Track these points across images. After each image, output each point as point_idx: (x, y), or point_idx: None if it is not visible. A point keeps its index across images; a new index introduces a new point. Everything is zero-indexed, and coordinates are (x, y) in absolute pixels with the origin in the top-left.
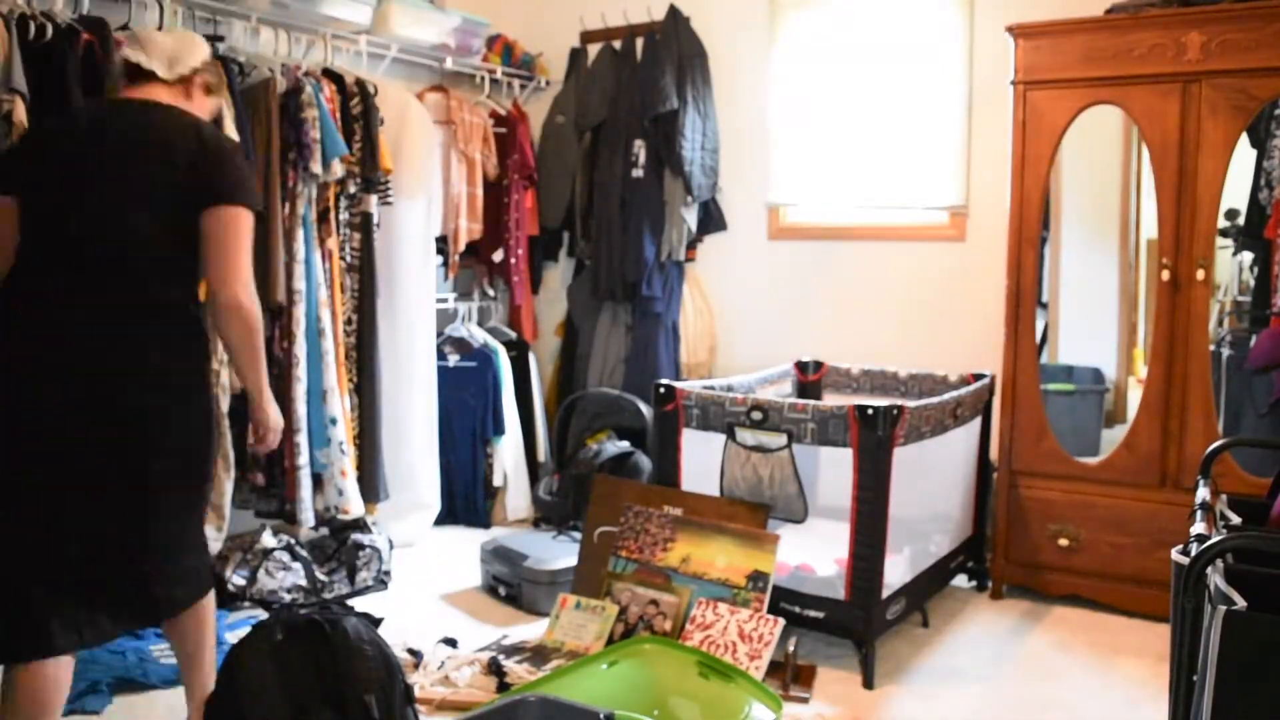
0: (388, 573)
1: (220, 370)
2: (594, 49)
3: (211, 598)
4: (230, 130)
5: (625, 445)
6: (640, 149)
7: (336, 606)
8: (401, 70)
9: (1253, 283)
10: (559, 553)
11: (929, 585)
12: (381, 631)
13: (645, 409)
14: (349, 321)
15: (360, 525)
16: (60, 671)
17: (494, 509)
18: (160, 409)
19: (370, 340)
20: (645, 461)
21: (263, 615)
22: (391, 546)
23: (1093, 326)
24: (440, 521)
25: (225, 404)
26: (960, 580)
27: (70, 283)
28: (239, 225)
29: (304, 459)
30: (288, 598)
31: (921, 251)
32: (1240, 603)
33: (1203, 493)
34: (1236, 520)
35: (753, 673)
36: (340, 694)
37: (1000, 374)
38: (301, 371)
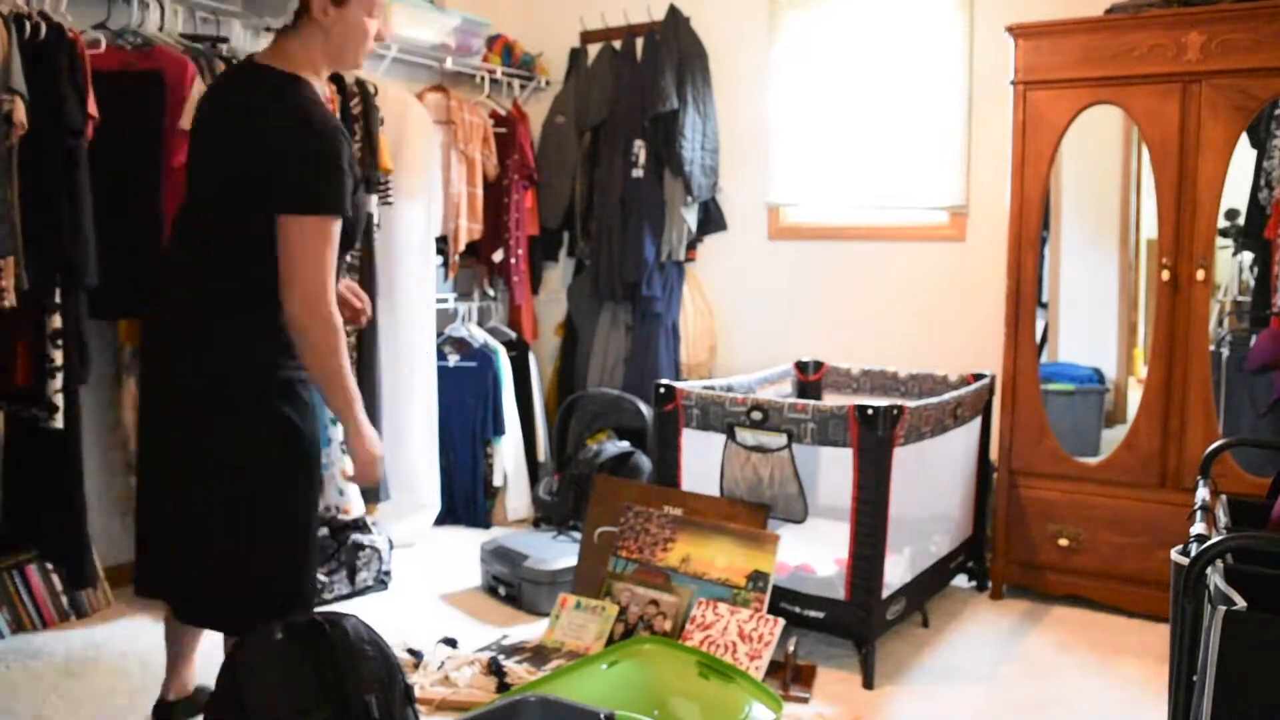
0: (388, 573)
1: None
2: (594, 49)
3: None
4: None
5: (625, 445)
6: (640, 149)
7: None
8: (401, 70)
9: (1253, 283)
10: (559, 553)
11: (929, 585)
12: (381, 631)
13: (645, 409)
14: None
15: (360, 525)
16: None
17: (494, 509)
18: None
19: (370, 340)
20: (645, 461)
21: None
22: (391, 546)
23: (1093, 326)
24: (440, 521)
25: None
26: (960, 580)
27: None
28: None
29: None
30: None
31: (921, 251)
32: (1240, 603)
33: (1203, 493)
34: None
35: (753, 673)
36: (340, 694)
37: (1000, 374)
38: None
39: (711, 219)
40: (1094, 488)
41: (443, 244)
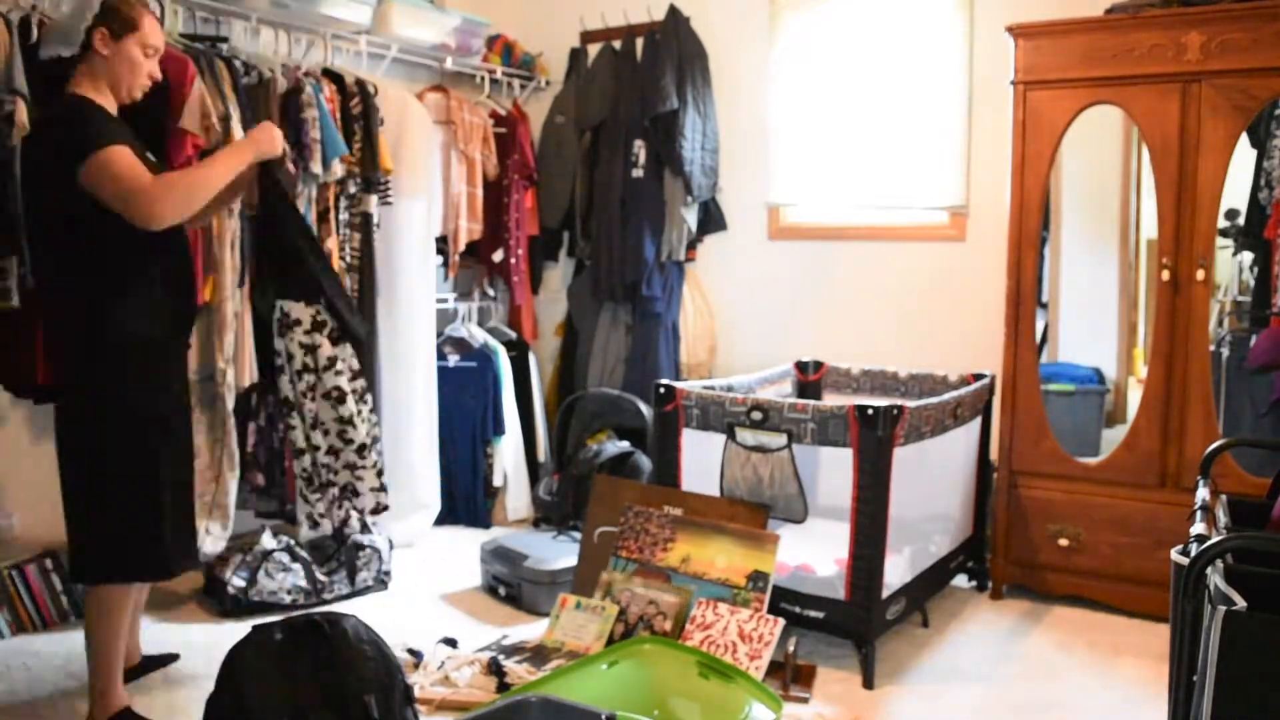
0: (388, 573)
1: (227, 368)
2: (594, 49)
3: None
4: (238, 133)
5: (625, 445)
6: (640, 149)
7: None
8: (401, 70)
9: (1253, 283)
10: (559, 553)
11: (929, 585)
12: (381, 631)
13: (645, 409)
14: None
15: (360, 525)
16: None
17: (494, 509)
18: None
19: (370, 340)
20: (645, 461)
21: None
22: (391, 546)
23: (1093, 326)
24: (440, 521)
25: (230, 402)
26: (960, 580)
27: None
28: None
29: None
30: (288, 599)
31: (921, 251)
32: (1240, 603)
33: (1203, 493)
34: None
35: (753, 673)
36: (340, 694)
37: (1000, 374)
38: None
39: (711, 219)
40: (1094, 488)
41: (443, 244)
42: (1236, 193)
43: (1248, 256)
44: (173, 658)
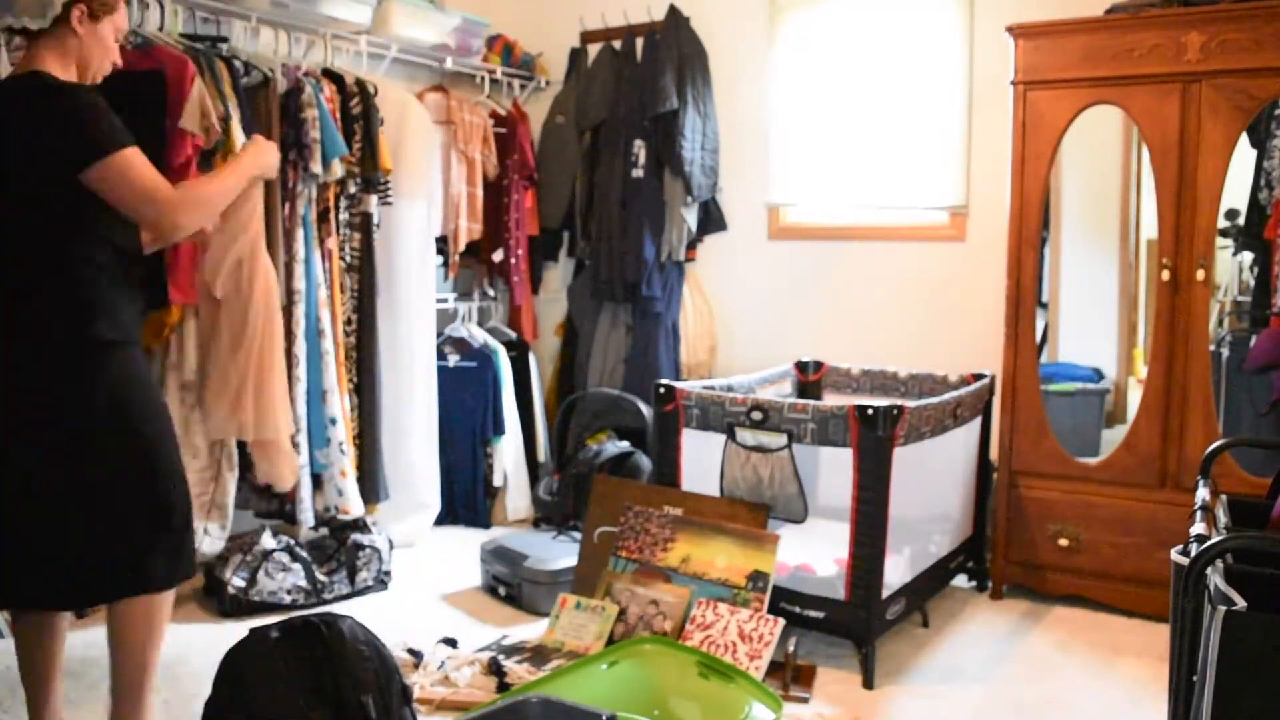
0: (388, 573)
1: None
2: (594, 49)
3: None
4: (238, 133)
5: (625, 445)
6: (640, 149)
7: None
8: (401, 70)
9: (1253, 283)
10: (559, 553)
11: (929, 585)
12: (381, 631)
13: (645, 409)
14: (349, 321)
15: (360, 525)
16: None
17: (494, 509)
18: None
19: (370, 340)
20: (645, 461)
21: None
22: (391, 546)
23: (1093, 326)
24: (440, 521)
25: None
26: (960, 580)
27: None
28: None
29: (304, 459)
30: (287, 599)
31: (921, 251)
32: (1240, 603)
33: (1203, 493)
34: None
35: (753, 673)
36: (337, 695)
37: (1000, 374)
38: (301, 371)
39: (711, 219)
40: (1094, 488)
41: (443, 244)
42: (1236, 193)
43: (1248, 256)
44: None
